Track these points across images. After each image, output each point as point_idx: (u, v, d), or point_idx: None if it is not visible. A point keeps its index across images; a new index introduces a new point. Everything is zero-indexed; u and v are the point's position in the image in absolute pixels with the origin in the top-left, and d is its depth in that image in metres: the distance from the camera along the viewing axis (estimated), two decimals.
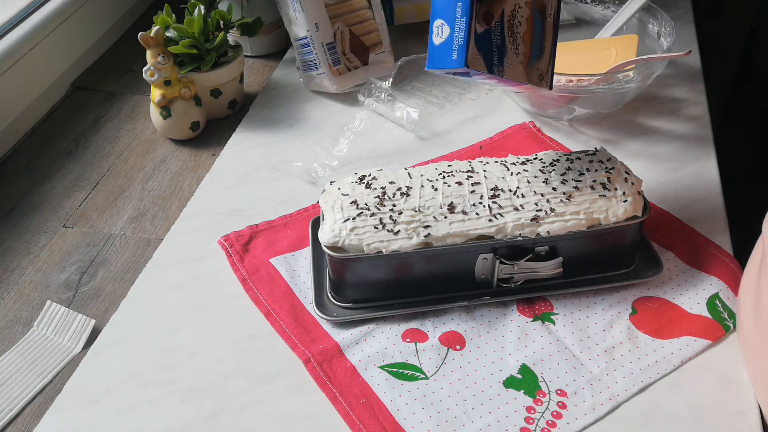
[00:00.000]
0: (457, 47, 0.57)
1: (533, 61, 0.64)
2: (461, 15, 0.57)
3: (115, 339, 0.65)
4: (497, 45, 0.60)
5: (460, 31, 0.57)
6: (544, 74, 0.66)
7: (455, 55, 0.58)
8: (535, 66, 0.64)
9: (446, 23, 0.58)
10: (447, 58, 0.58)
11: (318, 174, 0.82)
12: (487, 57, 0.59)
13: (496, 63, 0.60)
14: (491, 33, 0.60)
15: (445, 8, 0.58)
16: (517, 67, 0.62)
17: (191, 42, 0.87)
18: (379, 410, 0.58)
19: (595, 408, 0.58)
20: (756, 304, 0.57)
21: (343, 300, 0.66)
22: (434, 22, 0.59)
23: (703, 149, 0.82)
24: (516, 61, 0.62)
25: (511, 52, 0.62)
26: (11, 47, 0.92)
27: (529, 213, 0.63)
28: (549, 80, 0.67)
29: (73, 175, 0.88)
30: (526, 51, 0.63)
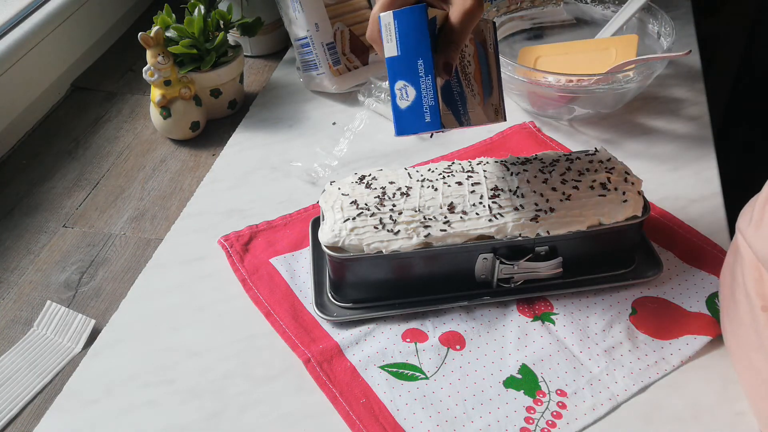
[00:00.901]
0: (429, 108, 0.53)
1: (486, 98, 0.61)
2: (425, 73, 0.53)
3: (115, 339, 0.65)
4: (458, 93, 0.57)
5: (427, 91, 0.53)
6: (498, 108, 0.63)
7: (428, 117, 0.53)
8: (490, 102, 0.61)
9: (409, 84, 0.54)
10: (419, 121, 0.54)
11: (318, 174, 0.82)
12: (454, 109, 0.55)
13: (462, 112, 0.56)
14: (451, 84, 0.56)
15: (404, 68, 0.54)
16: (478, 110, 0.59)
17: (191, 42, 0.87)
18: (379, 410, 0.58)
19: (595, 408, 0.58)
20: (733, 314, 0.57)
21: (343, 300, 0.66)
22: (395, 84, 0.54)
23: (703, 149, 0.82)
24: (475, 104, 0.59)
25: (470, 95, 0.58)
26: (11, 47, 0.92)
27: (529, 213, 0.63)
28: (503, 113, 0.64)
29: (73, 175, 0.88)
30: (479, 90, 0.60)
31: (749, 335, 0.55)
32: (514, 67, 0.83)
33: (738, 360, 0.58)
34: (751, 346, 0.55)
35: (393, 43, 0.54)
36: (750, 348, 0.55)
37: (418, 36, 0.53)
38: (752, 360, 0.55)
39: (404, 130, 0.56)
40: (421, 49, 0.53)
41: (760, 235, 0.53)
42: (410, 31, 0.53)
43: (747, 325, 0.55)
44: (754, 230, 0.54)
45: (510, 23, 0.97)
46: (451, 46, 0.55)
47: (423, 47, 0.53)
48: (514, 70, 0.83)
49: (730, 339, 0.59)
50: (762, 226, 0.53)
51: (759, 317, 0.53)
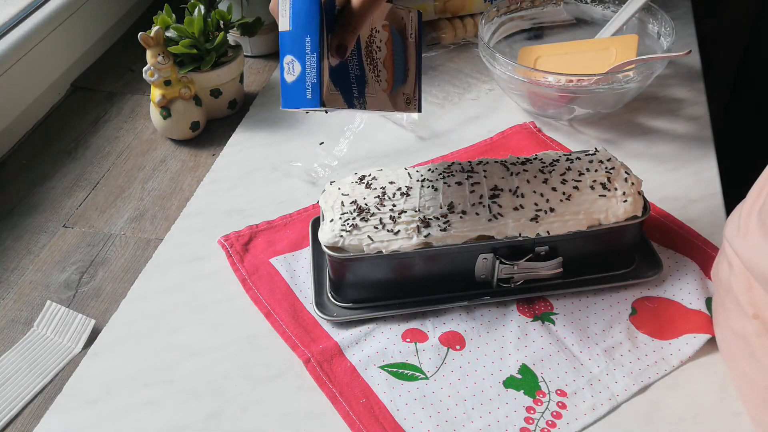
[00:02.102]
0: (311, 86, 0.53)
1: (398, 85, 0.61)
2: (311, 50, 0.53)
3: (115, 339, 0.65)
4: (356, 76, 0.57)
5: (311, 69, 0.53)
6: (411, 98, 0.63)
7: (309, 93, 0.53)
8: (401, 91, 0.61)
9: (296, 59, 0.54)
10: (301, 97, 0.54)
11: (318, 174, 0.82)
12: (345, 91, 0.55)
13: (356, 95, 0.56)
14: (347, 65, 0.56)
15: (293, 43, 0.54)
16: (381, 96, 0.59)
17: (191, 42, 0.87)
18: (379, 410, 0.58)
19: (595, 408, 0.58)
20: (724, 322, 0.57)
21: (343, 300, 0.66)
22: (284, 58, 0.54)
23: (703, 149, 0.82)
24: (378, 90, 0.58)
25: (372, 80, 0.58)
26: (11, 47, 0.92)
27: (529, 213, 0.63)
28: (417, 103, 0.63)
29: (73, 175, 0.88)
30: (389, 77, 0.60)
31: (740, 343, 0.55)
32: (514, 67, 0.83)
33: (731, 367, 0.58)
34: (742, 354, 0.55)
35: (286, 18, 0.55)
36: (742, 356, 0.55)
37: (310, 14, 0.53)
38: (744, 368, 0.55)
39: (288, 104, 0.56)
40: (310, 27, 0.54)
41: (748, 244, 0.52)
42: (303, 9, 0.53)
43: (738, 333, 0.55)
44: (741, 240, 0.54)
45: (510, 23, 0.97)
46: (347, 28, 0.55)
47: (312, 25, 0.53)
48: (514, 70, 0.83)
49: (722, 346, 0.59)
50: (749, 235, 0.52)
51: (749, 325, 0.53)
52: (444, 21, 1.03)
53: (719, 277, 0.59)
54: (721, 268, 0.59)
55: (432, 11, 1.02)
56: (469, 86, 0.96)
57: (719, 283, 0.59)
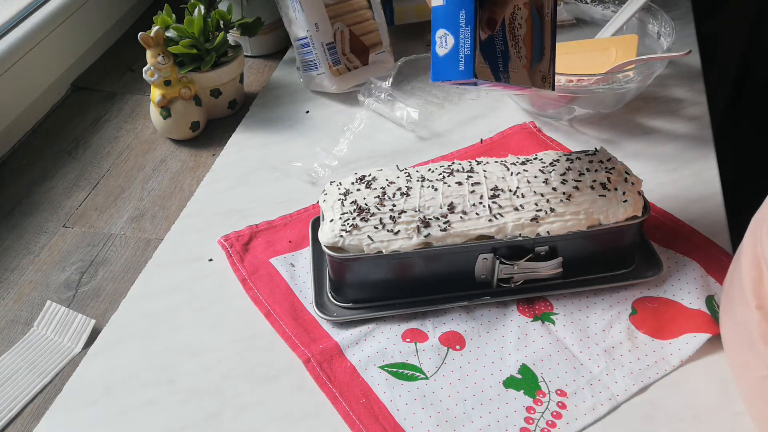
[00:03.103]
0: (464, 57, 0.56)
1: (535, 63, 0.63)
2: (465, 23, 0.55)
3: (115, 339, 0.65)
4: (501, 51, 0.59)
5: (465, 41, 0.55)
6: (546, 76, 0.65)
7: (462, 65, 0.56)
8: (537, 68, 0.63)
9: (450, 33, 0.56)
10: (453, 69, 0.56)
11: (318, 174, 0.82)
12: (492, 64, 0.58)
13: (502, 69, 0.59)
14: (495, 39, 0.58)
15: (447, 17, 0.56)
16: (521, 72, 0.61)
17: (191, 42, 0.87)
18: (379, 410, 0.58)
19: (595, 408, 0.58)
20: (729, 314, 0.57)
21: (343, 300, 0.66)
22: (436, 32, 0.56)
23: (703, 149, 0.82)
24: (519, 66, 0.61)
25: (515, 56, 0.60)
26: (11, 47, 0.92)
27: (529, 213, 0.63)
28: (551, 81, 0.66)
29: (73, 175, 0.88)
30: (527, 54, 0.62)
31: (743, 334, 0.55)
32: None
33: (733, 360, 0.58)
34: (744, 345, 0.55)
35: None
36: (743, 347, 0.55)
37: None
38: (746, 359, 0.55)
39: (439, 76, 0.58)
40: (464, 1, 0.55)
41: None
42: None
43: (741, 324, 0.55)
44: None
45: None
46: (498, 2, 0.57)
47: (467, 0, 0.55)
48: None
49: (726, 339, 0.59)
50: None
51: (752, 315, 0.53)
52: None
53: (731, 272, 0.58)
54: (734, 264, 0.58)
55: None
56: None
57: (729, 278, 0.59)
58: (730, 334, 0.58)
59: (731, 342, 0.58)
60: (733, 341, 0.57)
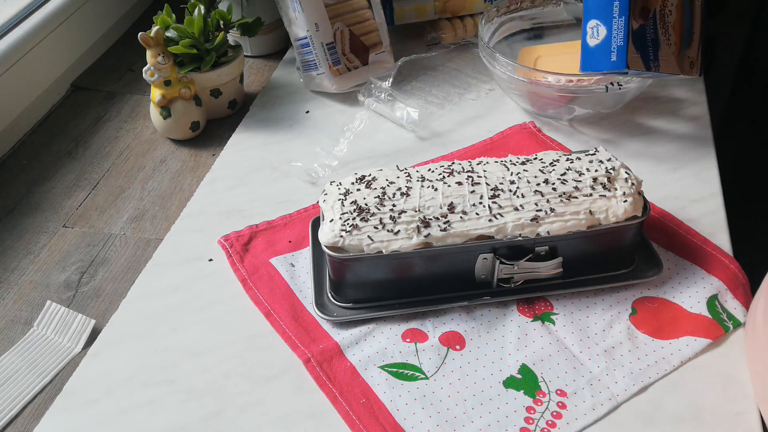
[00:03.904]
0: (617, 48, 0.55)
1: (684, 49, 0.62)
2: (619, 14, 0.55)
3: (115, 339, 0.65)
4: (652, 39, 0.58)
5: (618, 31, 0.55)
6: (694, 62, 0.64)
7: (614, 56, 0.55)
8: (686, 54, 0.62)
9: (602, 23, 0.56)
10: (605, 60, 0.56)
11: (318, 174, 0.82)
12: (644, 54, 0.57)
13: (652, 58, 0.58)
14: (646, 28, 0.58)
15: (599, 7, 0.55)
16: (670, 59, 0.60)
17: (191, 42, 0.87)
18: (379, 410, 0.58)
19: (595, 408, 0.58)
20: (766, 307, 0.57)
21: (343, 300, 0.66)
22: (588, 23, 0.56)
23: (703, 149, 0.82)
24: (668, 53, 0.60)
25: (664, 44, 0.59)
26: (11, 47, 0.92)
27: (529, 213, 0.63)
28: (699, 67, 0.64)
29: (73, 175, 0.88)
30: (677, 40, 0.61)
31: None
32: (514, 67, 0.83)
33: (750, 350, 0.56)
34: None
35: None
36: None
37: None
38: None
39: (589, 67, 0.58)
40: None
41: None
42: None
43: None
44: None
45: (510, 23, 0.97)
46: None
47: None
48: (514, 70, 0.83)
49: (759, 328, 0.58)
50: None
51: None
52: (444, 21, 1.03)
53: None
54: None
55: (432, 11, 1.03)
56: (469, 86, 0.96)
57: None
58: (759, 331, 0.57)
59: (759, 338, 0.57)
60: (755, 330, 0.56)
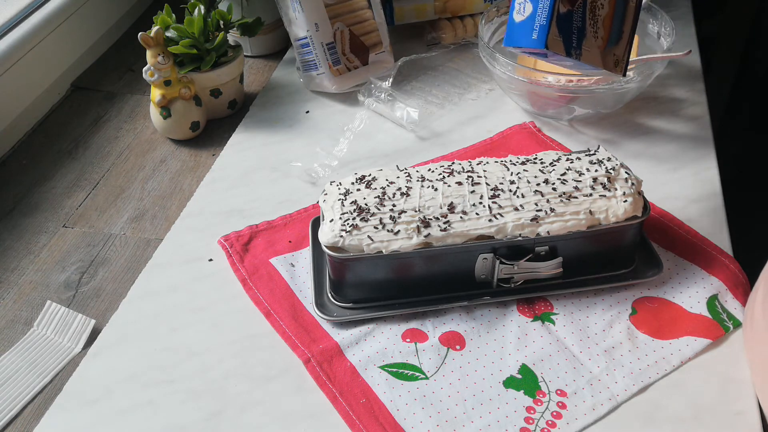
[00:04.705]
0: (539, 27, 0.56)
1: (610, 45, 0.62)
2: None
3: (115, 339, 0.65)
4: (578, 27, 0.58)
5: (543, 11, 0.55)
6: (619, 60, 0.64)
7: (535, 34, 0.56)
8: (612, 51, 0.62)
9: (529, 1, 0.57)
10: (526, 36, 0.56)
11: (318, 174, 0.82)
12: (566, 39, 0.57)
13: (575, 46, 0.58)
14: (573, 14, 0.58)
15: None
16: (594, 52, 0.61)
17: (191, 42, 0.87)
18: (379, 410, 0.58)
19: (595, 408, 0.58)
20: (763, 303, 0.57)
21: (343, 300, 0.66)
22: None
23: (703, 149, 0.82)
24: (594, 45, 0.60)
25: (590, 35, 0.60)
26: (11, 47, 0.92)
27: (529, 213, 0.63)
28: (624, 67, 0.65)
29: (73, 175, 0.88)
30: (604, 35, 0.61)
31: None
32: (514, 67, 0.83)
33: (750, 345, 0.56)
34: None
35: None
36: None
37: None
38: None
39: (511, 42, 0.59)
40: None
41: None
42: None
43: None
44: None
45: None
46: None
47: None
48: (514, 70, 0.83)
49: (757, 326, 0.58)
50: None
51: None
52: (444, 21, 1.03)
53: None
54: None
55: (432, 11, 1.03)
56: (469, 86, 0.96)
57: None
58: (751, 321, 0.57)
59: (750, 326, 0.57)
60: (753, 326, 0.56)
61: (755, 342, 0.58)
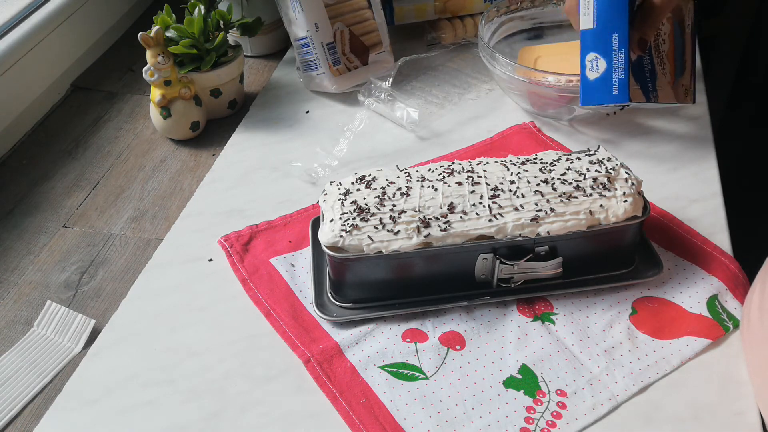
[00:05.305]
0: (618, 81, 0.55)
1: (678, 77, 0.62)
2: (619, 47, 0.54)
3: (115, 339, 0.65)
4: (649, 70, 0.58)
5: (619, 64, 0.54)
6: (688, 89, 0.63)
7: (616, 89, 0.55)
8: (680, 82, 0.62)
9: (601, 56, 0.55)
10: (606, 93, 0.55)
11: (318, 174, 0.82)
12: (643, 84, 0.57)
13: (651, 89, 0.58)
14: (643, 59, 0.57)
15: (597, 41, 0.55)
16: (667, 88, 0.60)
17: (191, 42, 0.87)
18: (379, 410, 0.58)
19: (595, 408, 0.58)
20: (763, 295, 0.57)
21: (343, 300, 0.66)
22: (587, 56, 0.56)
23: (703, 149, 0.82)
24: (665, 82, 0.60)
25: (660, 73, 0.59)
26: (11, 47, 0.92)
27: (529, 213, 0.63)
28: (692, 94, 0.64)
29: (73, 175, 0.88)
30: (671, 69, 0.61)
31: None
32: (514, 67, 0.83)
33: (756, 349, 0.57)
34: None
35: (590, 17, 0.56)
36: None
37: (617, 10, 0.55)
38: None
39: (590, 101, 0.58)
40: (617, 23, 0.55)
41: None
42: (608, 5, 0.55)
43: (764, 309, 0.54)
44: None
45: (510, 23, 0.97)
46: (647, 22, 0.56)
47: (620, 21, 0.55)
48: (514, 70, 0.83)
49: (753, 328, 0.58)
50: None
51: None
52: (444, 21, 1.03)
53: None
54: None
55: (432, 11, 1.03)
56: (469, 86, 0.96)
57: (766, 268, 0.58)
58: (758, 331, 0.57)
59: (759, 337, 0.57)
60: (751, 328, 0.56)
61: (753, 344, 0.58)
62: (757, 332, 0.57)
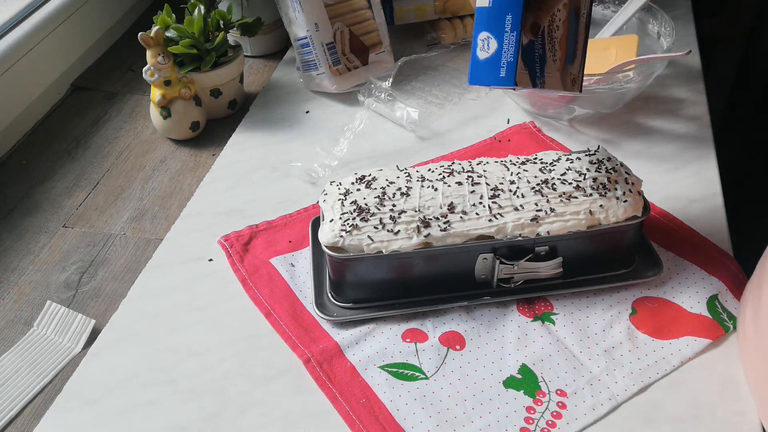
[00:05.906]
0: (506, 64, 0.54)
1: (567, 65, 0.62)
2: (511, 29, 0.53)
3: (115, 339, 0.65)
4: (539, 55, 0.57)
5: (509, 47, 0.54)
6: (576, 78, 0.63)
7: (504, 72, 0.54)
8: (569, 70, 0.62)
9: (493, 37, 0.54)
10: (494, 74, 0.54)
11: (318, 174, 0.82)
12: (531, 70, 0.56)
13: (539, 74, 0.57)
14: (535, 44, 0.57)
15: (491, 20, 0.54)
16: (554, 75, 0.59)
17: (191, 42, 0.87)
18: (379, 410, 0.58)
19: (595, 408, 0.58)
20: (757, 306, 0.57)
21: (343, 300, 0.66)
22: (479, 35, 0.55)
23: (703, 149, 0.82)
24: (554, 69, 0.59)
25: (550, 59, 0.58)
26: (11, 47, 0.92)
27: (529, 213, 0.63)
28: (580, 83, 0.64)
29: (73, 175, 0.88)
30: (561, 56, 0.61)
31: None
32: None
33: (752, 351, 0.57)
34: None
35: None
36: None
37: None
38: None
39: (477, 80, 0.57)
40: (512, 4, 0.54)
41: None
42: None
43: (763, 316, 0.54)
44: None
45: None
46: (543, 7, 0.55)
47: (515, 3, 0.54)
48: None
49: (748, 331, 0.58)
50: None
51: None
52: (444, 21, 1.03)
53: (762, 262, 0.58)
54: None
55: (432, 11, 1.03)
56: (470, 86, 0.96)
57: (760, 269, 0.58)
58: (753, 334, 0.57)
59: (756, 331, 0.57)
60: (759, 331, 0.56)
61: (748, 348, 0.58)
62: (751, 340, 0.57)
